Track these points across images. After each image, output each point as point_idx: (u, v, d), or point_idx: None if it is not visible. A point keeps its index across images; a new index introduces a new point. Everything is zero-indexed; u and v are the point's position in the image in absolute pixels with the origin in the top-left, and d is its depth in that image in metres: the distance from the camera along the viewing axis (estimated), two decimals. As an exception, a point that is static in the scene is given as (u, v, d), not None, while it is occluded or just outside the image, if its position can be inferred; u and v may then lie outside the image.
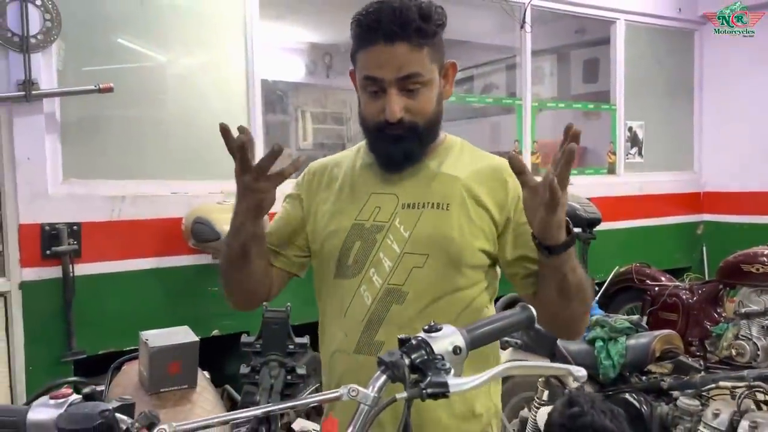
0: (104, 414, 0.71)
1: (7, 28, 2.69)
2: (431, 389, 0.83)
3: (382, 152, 1.29)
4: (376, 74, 1.20)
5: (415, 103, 1.22)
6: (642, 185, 5.00)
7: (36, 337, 2.79)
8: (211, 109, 3.28)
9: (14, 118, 2.74)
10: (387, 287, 1.24)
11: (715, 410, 1.88)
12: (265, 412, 0.80)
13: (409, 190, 1.29)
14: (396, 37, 1.17)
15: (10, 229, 2.76)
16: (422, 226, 1.25)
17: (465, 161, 1.32)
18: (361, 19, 1.21)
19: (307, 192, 1.38)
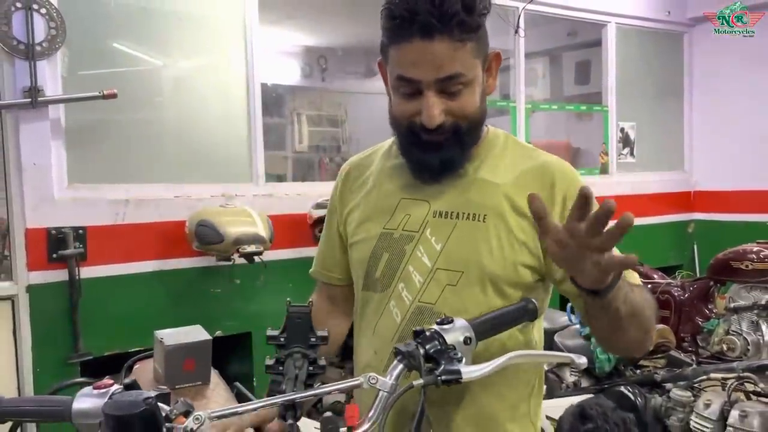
0: (147, 401, 0.78)
1: (13, 36, 2.74)
2: (445, 376, 0.91)
3: (416, 159, 1.16)
4: (412, 75, 1.06)
5: (457, 104, 1.08)
6: (634, 185, 5.09)
7: (43, 339, 2.84)
8: (212, 114, 3.34)
9: (20, 124, 2.78)
10: (418, 305, 1.14)
11: (707, 401, 1.96)
12: (291, 399, 0.86)
13: (443, 197, 1.16)
14: (435, 31, 1.02)
15: (17, 234, 2.81)
16: (456, 239, 1.13)
17: (507, 162, 1.18)
18: (392, 9, 1.05)
19: (340, 201, 1.31)
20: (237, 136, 3.40)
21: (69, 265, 2.86)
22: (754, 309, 2.77)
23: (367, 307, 1.22)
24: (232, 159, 3.40)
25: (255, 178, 3.42)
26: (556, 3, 4.61)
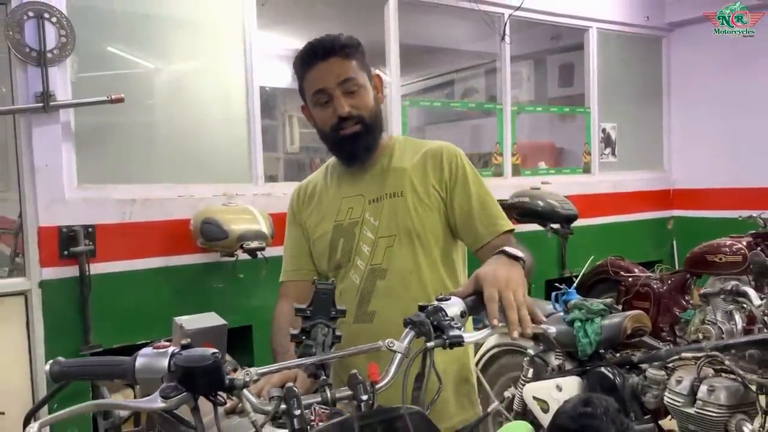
0: (215, 355, 0.94)
1: (26, 44, 2.88)
2: (451, 340, 1.08)
3: (344, 151, 1.56)
4: (322, 86, 1.48)
5: (357, 100, 1.50)
6: (615, 183, 5.30)
7: (55, 332, 2.97)
8: (213, 116, 3.49)
9: (33, 127, 2.92)
10: (370, 267, 1.54)
11: (678, 378, 2.14)
12: (323, 359, 1.03)
13: (371, 188, 1.58)
14: (329, 53, 1.47)
15: (30, 232, 2.95)
16: (386, 213, 1.55)
17: (408, 153, 1.61)
18: (300, 55, 1.52)
19: (299, 212, 1.68)
20: (237, 138, 3.55)
21: (79, 261, 2.99)
22: (721, 294, 2.96)
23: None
24: (232, 160, 3.55)
25: (255, 179, 3.57)
26: (540, 9, 4.81)
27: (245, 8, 3.54)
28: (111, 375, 1.04)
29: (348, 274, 1.57)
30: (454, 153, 1.60)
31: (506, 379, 2.87)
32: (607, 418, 1.82)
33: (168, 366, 0.97)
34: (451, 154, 1.59)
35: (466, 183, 1.56)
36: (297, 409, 0.97)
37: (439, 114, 7.02)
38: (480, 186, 1.57)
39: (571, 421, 1.86)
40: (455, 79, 7.20)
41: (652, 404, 2.24)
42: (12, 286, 2.95)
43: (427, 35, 5.81)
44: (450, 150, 1.60)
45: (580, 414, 1.86)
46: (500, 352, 2.88)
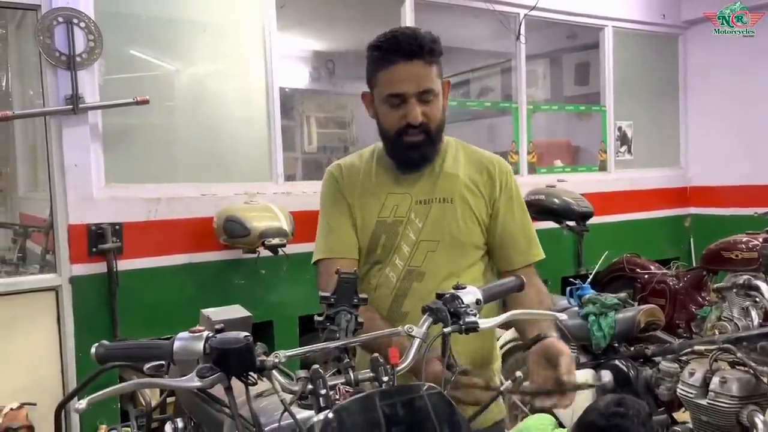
0: (247, 338, 1.02)
1: (56, 49, 2.99)
2: (467, 326, 1.15)
3: (403, 157, 1.55)
4: (399, 90, 1.45)
5: (430, 110, 1.48)
6: (632, 181, 5.32)
7: (84, 326, 3.07)
8: (235, 117, 3.58)
9: (63, 129, 3.02)
10: (408, 268, 1.54)
11: (691, 370, 2.19)
12: (347, 343, 1.11)
13: (420, 189, 1.57)
14: (414, 55, 1.43)
15: (60, 230, 3.05)
16: (432, 217, 1.54)
17: (461, 159, 1.60)
18: (380, 45, 1.47)
19: (345, 191, 1.60)
20: (258, 138, 3.64)
21: (107, 258, 3.09)
22: (733, 289, 2.99)
23: (368, 274, 1.59)
24: (253, 159, 3.64)
25: (275, 177, 3.66)
26: (555, 8, 4.84)
27: (265, 11, 3.62)
28: (151, 357, 1.12)
29: (384, 270, 1.57)
30: (506, 170, 1.61)
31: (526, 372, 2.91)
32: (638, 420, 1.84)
33: (204, 348, 1.05)
34: (503, 170, 1.60)
35: (512, 204, 1.58)
36: (323, 389, 1.05)
37: (455, 113, 7.07)
38: (523, 210, 1.61)
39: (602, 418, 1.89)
40: (471, 79, 7.24)
41: (665, 396, 2.28)
42: (43, 282, 3.07)
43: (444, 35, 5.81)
44: (503, 166, 1.61)
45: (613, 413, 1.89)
46: (516, 346, 2.94)
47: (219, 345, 1.01)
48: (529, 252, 1.59)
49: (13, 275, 3.42)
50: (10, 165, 4.65)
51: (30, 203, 4.33)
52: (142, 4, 3.33)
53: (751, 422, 2.04)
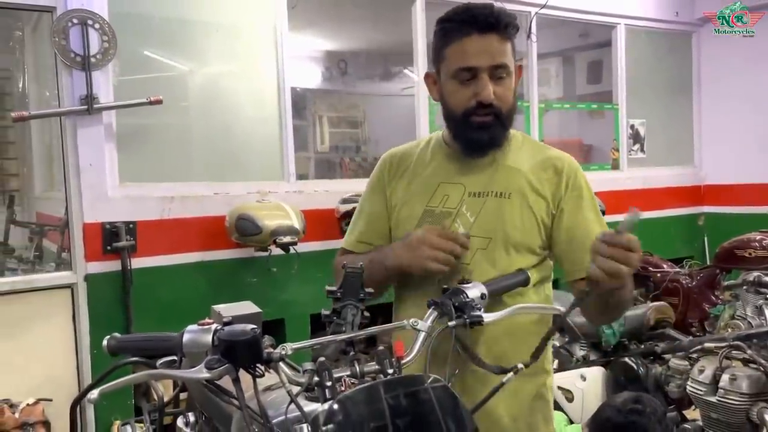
0: (254, 331, 1.04)
1: (71, 50, 3.03)
2: (471, 319, 1.17)
3: (470, 138, 1.41)
4: (472, 63, 1.33)
5: (502, 90, 1.36)
6: (645, 179, 5.29)
7: (99, 323, 3.12)
8: (247, 117, 3.62)
9: (78, 129, 3.07)
10: (456, 263, 1.36)
11: (701, 367, 2.18)
12: (352, 337, 1.12)
13: (475, 180, 1.43)
14: (490, 28, 1.32)
15: (75, 228, 3.10)
16: (486, 212, 1.40)
17: (525, 154, 1.45)
18: (453, 17, 1.36)
19: (388, 183, 1.53)
20: (270, 138, 3.67)
21: (121, 256, 3.14)
22: (744, 286, 2.98)
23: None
24: (265, 159, 3.67)
25: (287, 176, 3.69)
26: (567, 6, 4.83)
27: (277, 12, 3.65)
28: (161, 349, 1.15)
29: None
30: (575, 168, 1.45)
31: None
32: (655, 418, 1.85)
33: (212, 341, 1.07)
34: (572, 168, 1.44)
35: (580, 205, 1.42)
36: (329, 380, 1.06)
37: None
38: (594, 210, 1.43)
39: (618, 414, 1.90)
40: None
41: (675, 394, 2.28)
42: (59, 280, 3.12)
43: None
44: (572, 164, 1.45)
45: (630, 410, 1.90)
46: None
47: (227, 337, 1.04)
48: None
49: (30, 273, 3.47)
50: (27, 165, 4.72)
51: (46, 203, 4.39)
52: (156, 6, 3.37)
53: (761, 419, 2.04)
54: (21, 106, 4.49)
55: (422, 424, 0.97)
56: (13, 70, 4.86)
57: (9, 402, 2.84)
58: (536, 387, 1.47)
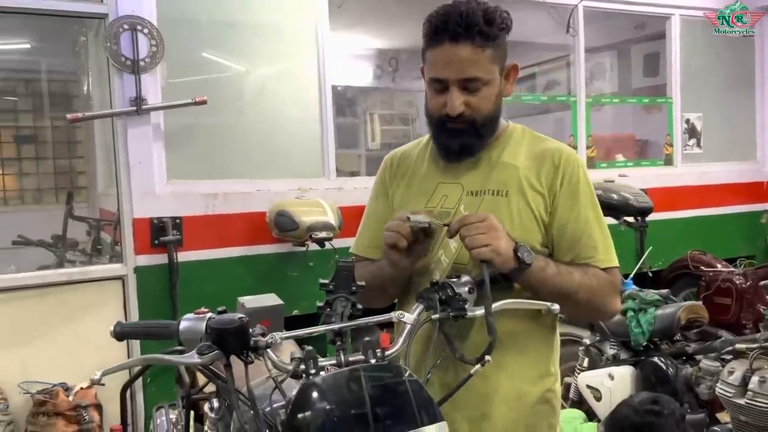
0: (241, 320, 1.11)
1: (122, 54, 3.20)
2: (454, 312, 1.20)
3: (443, 143, 1.42)
4: (441, 75, 1.33)
5: (475, 99, 1.33)
6: (701, 175, 5.10)
7: (147, 313, 3.27)
8: (288, 116, 3.71)
9: (128, 129, 3.24)
10: (454, 265, 1.40)
11: (731, 368, 2.12)
12: (340, 327, 1.18)
13: (472, 179, 1.43)
14: (460, 37, 1.28)
15: (125, 223, 3.28)
16: (483, 211, 1.36)
17: (524, 149, 1.43)
18: (431, 19, 1.33)
19: (390, 184, 1.54)
20: (311, 136, 3.76)
21: (168, 250, 3.29)
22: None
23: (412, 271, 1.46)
24: (306, 156, 3.76)
25: (327, 173, 3.77)
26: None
27: (318, 12, 3.73)
28: (160, 335, 1.24)
29: (429, 269, 1.44)
30: (573, 160, 1.42)
31: (564, 369, 2.90)
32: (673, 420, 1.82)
33: (205, 328, 1.15)
34: (570, 160, 1.41)
35: (577, 200, 1.39)
36: (313, 368, 1.12)
37: (520, 107, 6.99)
38: (591, 206, 1.40)
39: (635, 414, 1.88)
40: (537, 72, 7.15)
41: (705, 395, 2.23)
42: (112, 272, 3.30)
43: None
44: (570, 157, 1.42)
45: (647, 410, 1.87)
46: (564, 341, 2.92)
47: (216, 325, 1.11)
48: (596, 256, 1.37)
49: (87, 265, 3.69)
50: (91, 163, 4.99)
51: (107, 199, 4.62)
52: (201, 10, 3.51)
53: (793, 424, 1.97)
54: (86, 108, 4.74)
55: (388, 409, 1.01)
56: (79, 73, 5.14)
57: (65, 385, 3.03)
58: (541, 391, 1.44)
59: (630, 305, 2.42)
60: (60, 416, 2.90)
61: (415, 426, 1.00)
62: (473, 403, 1.38)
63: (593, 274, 1.37)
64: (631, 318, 2.39)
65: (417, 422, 1.01)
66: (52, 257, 4.08)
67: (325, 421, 0.98)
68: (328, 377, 1.06)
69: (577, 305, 1.38)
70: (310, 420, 0.99)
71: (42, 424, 2.90)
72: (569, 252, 1.38)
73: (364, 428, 0.98)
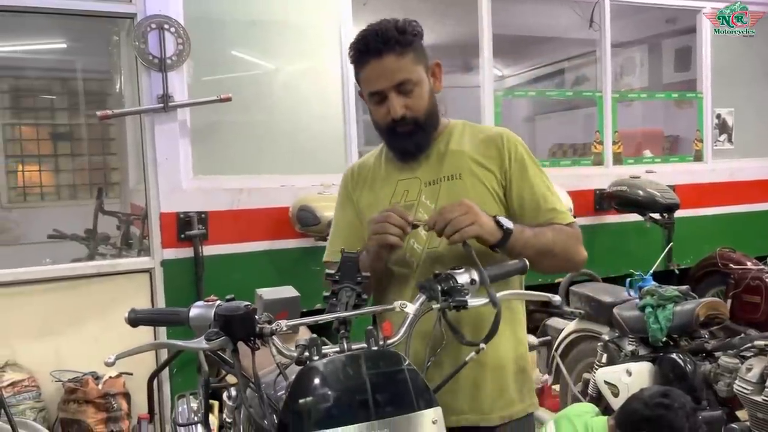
0: (247, 307, 1.15)
1: (149, 53, 3.28)
2: (455, 303, 1.22)
3: (398, 148, 1.58)
4: (376, 87, 1.49)
5: (412, 101, 1.49)
6: (732, 172, 5.00)
7: (174, 305, 3.30)
8: (312, 113, 3.76)
9: (155, 125, 3.32)
10: (427, 251, 1.54)
11: (749, 365, 2.10)
12: (344, 316, 1.21)
13: (427, 171, 1.59)
14: (382, 51, 1.46)
15: (153, 217, 3.36)
16: (443, 196, 1.55)
17: (467, 137, 1.60)
18: (354, 46, 1.51)
19: (353, 191, 1.69)
20: (334, 132, 3.80)
21: (194, 244, 3.36)
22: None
23: (388, 263, 1.57)
24: (329, 153, 3.81)
25: (350, 169, 3.80)
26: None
27: (341, 10, 3.77)
28: (171, 322, 1.29)
29: (404, 257, 1.56)
30: (514, 141, 1.58)
31: (584, 365, 2.89)
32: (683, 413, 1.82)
33: (213, 315, 1.19)
34: (511, 141, 1.57)
35: (525, 172, 1.55)
36: (316, 355, 1.16)
37: (550, 103, 6.94)
38: (539, 177, 1.57)
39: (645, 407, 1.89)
40: (566, 68, 7.08)
41: (723, 392, 2.21)
42: (140, 264, 3.39)
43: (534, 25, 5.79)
44: (510, 137, 1.59)
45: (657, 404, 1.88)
46: (578, 337, 2.92)
47: (223, 312, 1.16)
48: (556, 216, 1.54)
49: (117, 258, 3.79)
50: (123, 160, 5.12)
51: (138, 194, 4.74)
52: (227, 9, 3.58)
53: (812, 422, 1.94)
54: (118, 106, 4.86)
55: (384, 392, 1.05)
56: (112, 72, 5.27)
57: (95, 374, 3.13)
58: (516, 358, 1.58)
59: (648, 301, 2.40)
60: (90, 404, 3.00)
61: (411, 410, 1.03)
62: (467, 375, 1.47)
63: (560, 230, 1.53)
64: (650, 314, 2.37)
65: (413, 406, 1.04)
66: (86, 251, 4.21)
67: (322, 402, 1.02)
68: (326, 361, 1.09)
69: (554, 258, 1.51)
70: (308, 401, 1.03)
71: (72, 411, 3.00)
72: (533, 218, 1.53)
73: (360, 410, 1.01)
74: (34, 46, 5.51)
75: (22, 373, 3.04)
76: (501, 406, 1.54)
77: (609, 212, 4.36)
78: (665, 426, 1.74)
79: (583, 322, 2.83)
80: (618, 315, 2.56)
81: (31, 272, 3.19)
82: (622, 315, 2.54)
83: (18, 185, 5.73)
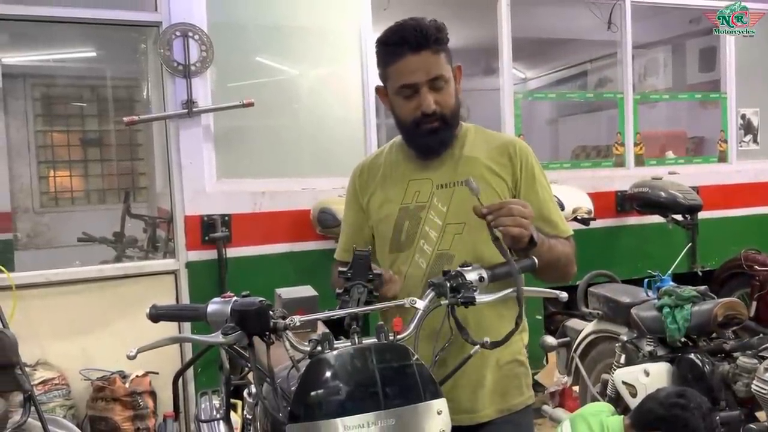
0: (262, 302, 1.20)
1: (174, 59, 3.37)
2: (463, 299, 1.26)
3: (421, 143, 1.59)
4: (411, 80, 1.50)
5: (442, 97, 1.52)
6: (757, 173, 4.93)
7: (198, 306, 3.44)
8: (333, 117, 3.83)
9: (180, 130, 3.41)
10: (437, 253, 1.56)
11: (767, 366, 2.09)
12: (356, 312, 1.25)
13: (440, 174, 1.60)
14: (421, 46, 1.48)
15: (178, 220, 3.45)
16: (456, 200, 1.57)
17: (480, 143, 1.63)
18: (387, 40, 1.53)
19: (361, 192, 1.70)
20: (354, 136, 3.85)
21: (218, 246, 3.44)
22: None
23: (396, 263, 1.63)
24: (350, 156, 3.83)
25: (370, 172, 3.84)
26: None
27: (362, 15, 3.82)
28: (190, 317, 1.35)
29: (413, 258, 1.59)
30: (525, 151, 1.62)
31: (603, 365, 2.89)
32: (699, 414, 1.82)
33: (230, 311, 1.24)
34: (522, 151, 1.61)
35: (534, 185, 1.59)
36: (328, 350, 1.20)
37: (572, 105, 6.91)
38: (546, 190, 1.62)
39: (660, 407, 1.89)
40: (589, 70, 7.05)
41: (742, 393, 2.20)
42: (165, 266, 3.48)
43: (557, 27, 5.78)
44: (522, 147, 1.62)
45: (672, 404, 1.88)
46: (597, 338, 2.92)
47: (238, 307, 1.21)
48: (559, 229, 1.59)
49: (143, 260, 3.89)
50: (150, 164, 5.23)
51: (164, 197, 4.85)
52: (249, 15, 3.66)
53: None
54: (145, 112, 4.96)
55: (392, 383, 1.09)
56: (140, 79, 5.39)
57: (122, 373, 3.22)
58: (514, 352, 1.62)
59: (666, 301, 2.40)
60: (117, 402, 3.09)
61: (418, 401, 1.06)
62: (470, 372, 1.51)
63: (564, 244, 1.59)
64: (667, 314, 2.37)
65: (420, 397, 1.07)
66: (114, 253, 4.31)
67: (332, 392, 1.06)
68: (337, 353, 1.13)
69: (556, 271, 1.57)
70: (319, 392, 1.08)
71: (100, 409, 3.09)
72: (537, 229, 1.50)
73: (368, 400, 1.05)
74: (65, 55, 5.67)
75: (52, 371, 3.14)
76: (500, 401, 1.59)
77: (630, 214, 4.35)
78: (681, 426, 1.75)
79: (602, 323, 2.83)
80: (636, 315, 2.56)
81: (62, 274, 3.29)
82: (640, 315, 2.54)
83: (50, 190, 5.89)
